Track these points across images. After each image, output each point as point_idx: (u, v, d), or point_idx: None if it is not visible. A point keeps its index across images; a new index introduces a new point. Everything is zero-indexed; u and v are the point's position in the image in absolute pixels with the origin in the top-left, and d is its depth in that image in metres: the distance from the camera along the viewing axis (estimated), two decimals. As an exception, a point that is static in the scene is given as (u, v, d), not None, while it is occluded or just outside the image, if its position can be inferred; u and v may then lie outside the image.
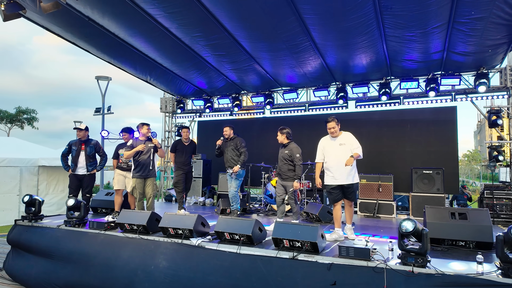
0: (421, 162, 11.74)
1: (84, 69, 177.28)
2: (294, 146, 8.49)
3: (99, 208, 10.92)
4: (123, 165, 9.71)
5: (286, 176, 8.44)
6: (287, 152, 8.44)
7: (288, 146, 8.51)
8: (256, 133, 14.59)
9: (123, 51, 11.70)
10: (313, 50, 10.77)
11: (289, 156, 8.40)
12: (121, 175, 9.71)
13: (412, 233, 5.25)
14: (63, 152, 9.93)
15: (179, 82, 14.34)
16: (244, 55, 11.49)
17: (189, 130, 11.02)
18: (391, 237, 7.44)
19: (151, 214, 7.61)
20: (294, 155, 8.34)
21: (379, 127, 12.50)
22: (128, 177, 9.53)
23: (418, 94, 12.35)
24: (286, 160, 8.44)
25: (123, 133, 10.05)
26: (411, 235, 5.30)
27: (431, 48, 10.13)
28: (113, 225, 8.05)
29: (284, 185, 8.51)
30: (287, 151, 8.46)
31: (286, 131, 8.59)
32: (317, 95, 13.37)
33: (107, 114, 19.90)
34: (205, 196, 14.04)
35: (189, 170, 10.60)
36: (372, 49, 10.36)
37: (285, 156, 8.46)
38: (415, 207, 10.54)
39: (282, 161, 8.52)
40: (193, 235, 6.95)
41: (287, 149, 8.48)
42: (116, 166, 9.93)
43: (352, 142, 7.34)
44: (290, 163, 8.40)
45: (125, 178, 9.66)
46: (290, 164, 8.40)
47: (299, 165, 8.31)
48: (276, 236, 6.18)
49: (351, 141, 7.36)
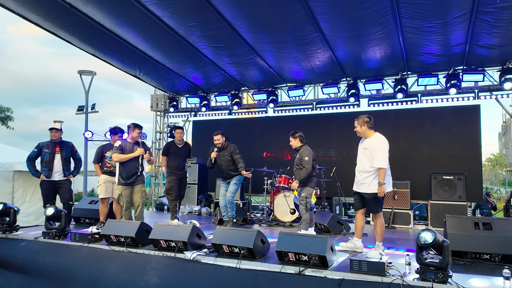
0: (441, 166, 11.73)
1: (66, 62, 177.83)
2: (304, 148, 8.76)
3: (82, 218, 10.92)
4: (113, 170, 9.58)
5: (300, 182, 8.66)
6: (298, 156, 8.73)
7: (299, 150, 8.82)
8: (258, 135, 14.59)
9: (109, 42, 11.66)
10: (321, 42, 10.75)
11: (299, 160, 8.65)
12: (109, 181, 9.65)
13: (432, 245, 5.24)
14: (31, 155, 9.80)
15: (172, 77, 14.33)
16: (245, 48, 11.48)
17: (183, 131, 11.00)
18: (408, 250, 7.40)
19: (140, 224, 7.60)
20: (302, 157, 8.58)
21: (395, 128, 12.50)
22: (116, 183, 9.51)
23: (437, 92, 12.35)
24: (298, 165, 8.68)
25: (114, 134, 10.01)
26: (431, 247, 5.29)
27: (452, 40, 10.11)
28: (98, 237, 8.02)
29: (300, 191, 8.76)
30: (298, 155, 8.75)
31: (299, 135, 8.87)
32: (325, 92, 13.39)
33: (91, 113, 19.91)
34: (200, 205, 14.05)
35: (183, 175, 10.59)
36: (387, 41, 10.35)
37: (296, 160, 8.73)
38: (434, 216, 10.55)
39: (294, 166, 8.79)
40: (188, 248, 6.93)
41: (299, 153, 8.78)
42: (101, 171, 9.87)
43: (375, 148, 7.20)
44: (301, 167, 8.61)
45: (113, 184, 9.57)
46: (301, 169, 8.61)
47: (305, 168, 8.50)
48: (281, 248, 6.17)
49: (375, 147, 7.22)
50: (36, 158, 9.81)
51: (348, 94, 12.93)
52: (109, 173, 9.70)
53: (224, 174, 9.93)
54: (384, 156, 7.11)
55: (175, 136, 10.78)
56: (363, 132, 7.47)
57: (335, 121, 13.64)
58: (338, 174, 11.14)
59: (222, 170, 9.92)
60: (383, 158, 7.09)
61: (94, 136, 17.25)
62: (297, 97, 14.04)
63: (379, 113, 12.81)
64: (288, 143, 11.08)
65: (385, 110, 12.96)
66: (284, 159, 14.07)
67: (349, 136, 13.00)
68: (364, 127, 7.44)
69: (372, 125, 7.49)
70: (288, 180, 11.39)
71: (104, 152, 9.86)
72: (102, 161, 9.79)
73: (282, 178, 11.47)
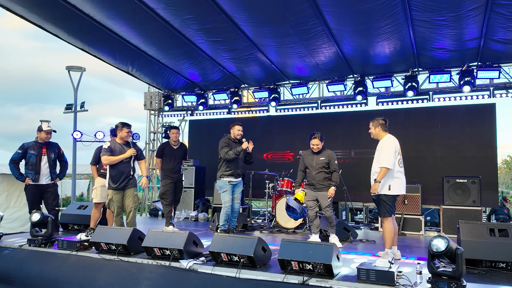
0: (454, 169, 11.73)
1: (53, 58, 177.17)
2: (330, 152, 8.98)
3: (70, 224, 10.85)
4: None
5: (322, 185, 8.82)
6: (324, 159, 8.86)
7: (324, 152, 8.96)
8: (258, 135, 14.57)
9: (100, 36, 11.66)
10: (326, 37, 10.75)
11: (326, 163, 8.82)
12: (105, 185, 9.55)
13: (445, 253, 5.24)
14: (14, 157, 9.75)
15: (167, 73, 14.34)
16: (245, 42, 11.48)
17: (179, 131, 10.95)
18: (419, 258, 7.44)
19: (132, 231, 7.60)
20: (332, 161, 8.82)
21: (405, 128, 12.49)
22: None
23: (450, 89, 12.34)
24: (323, 168, 8.83)
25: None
26: (443, 255, 5.29)
27: (466, 34, 10.12)
28: (87, 245, 8.01)
29: (318, 196, 8.86)
30: (324, 157, 8.88)
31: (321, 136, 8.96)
32: (331, 90, 13.36)
33: (80, 111, 19.78)
34: (197, 210, 14.02)
35: (178, 178, 10.58)
36: (397, 35, 10.35)
37: (321, 163, 8.85)
38: (446, 222, 10.55)
39: (317, 169, 8.87)
40: (184, 256, 6.93)
41: (324, 155, 8.91)
42: (97, 174, 9.86)
43: (382, 148, 7.53)
44: (327, 170, 8.83)
45: None
46: (327, 172, 8.84)
47: (338, 172, 8.85)
48: (283, 257, 6.17)
49: (382, 146, 7.56)
50: (21, 160, 9.77)
51: (355, 92, 12.91)
52: (106, 176, 9.60)
53: (238, 170, 9.87)
54: (388, 155, 7.35)
55: (170, 136, 10.74)
56: (377, 134, 7.75)
57: (341, 121, 13.65)
58: (344, 177, 11.11)
59: (238, 165, 9.87)
60: (386, 157, 7.35)
61: (83, 136, 17.11)
62: (300, 95, 14.09)
63: (388, 112, 12.73)
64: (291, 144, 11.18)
65: (394, 109, 12.94)
66: (286, 161, 14.06)
67: (357, 137, 13.11)
68: (378, 128, 7.72)
69: (387, 128, 7.76)
70: (291, 184, 11.36)
71: (100, 154, 9.76)
72: (100, 163, 9.69)
73: (284, 182, 11.43)
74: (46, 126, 9.93)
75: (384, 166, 7.28)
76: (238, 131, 9.92)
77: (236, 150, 9.64)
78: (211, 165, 12.40)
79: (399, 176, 7.39)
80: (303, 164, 9.13)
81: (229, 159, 9.64)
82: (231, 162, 9.72)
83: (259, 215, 14.27)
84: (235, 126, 9.98)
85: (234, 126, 9.99)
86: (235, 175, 9.78)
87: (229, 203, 9.68)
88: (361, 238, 9.83)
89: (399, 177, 7.40)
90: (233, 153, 9.63)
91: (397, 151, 7.45)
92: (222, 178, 9.73)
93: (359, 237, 9.86)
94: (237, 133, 9.91)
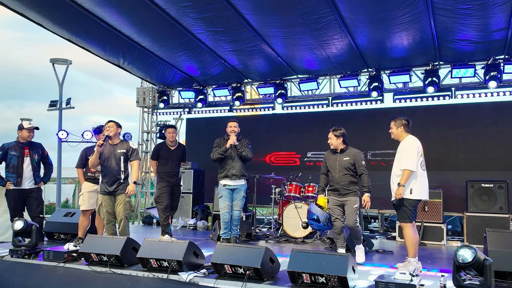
0: (478, 173, 11.75)
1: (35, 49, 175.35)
2: (356, 151, 8.57)
3: (56, 233, 10.84)
4: (98, 176, 9.48)
5: (347, 190, 8.39)
6: (348, 159, 8.45)
7: (349, 152, 8.56)
8: (263, 135, 14.60)
9: (88, 26, 11.66)
10: (339, 27, 10.77)
11: (351, 165, 8.41)
12: (94, 191, 9.63)
13: (471, 265, 5.26)
14: None
15: (162, 67, 14.37)
16: (249, 32, 11.50)
17: (176, 130, 10.96)
18: (442, 270, 7.44)
19: (126, 240, 7.57)
20: (359, 162, 8.41)
21: (424, 127, 12.48)
22: None
23: (474, 85, 12.32)
24: (349, 170, 8.42)
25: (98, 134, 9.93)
26: (470, 267, 5.30)
27: (492, 25, 10.12)
28: (76, 256, 7.97)
29: (343, 203, 8.45)
30: (348, 157, 8.48)
31: (342, 133, 8.58)
32: (343, 85, 13.39)
33: (65, 109, 19.71)
34: (196, 218, 14.02)
35: (176, 183, 10.59)
36: (416, 25, 10.35)
37: (346, 164, 8.45)
38: (471, 231, 10.52)
39: (341, 171, 8.48)
40: (183, 268, 6.92)
41: (348, 155, 8.51)
42: (84, 178, 9.85)
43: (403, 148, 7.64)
44: (353, 173, 8.43)
45: (98, 193, 9.42)
46: (353, 175, 8.43)
47: (367, 174, 8.41)
48: (293, 269, 6.18)
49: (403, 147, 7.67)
50: (0, 162, 9.75)
51: (370, 87, 12.89)
52: (93, 180, 9.67)
53: (233, 170, 9.79)
54: (410, 156, 7.42)
55: (167, 136, 10.77)
56: (398, 134, 7.85)
57: (354, 119, 13.65)
58: (358, 181, 11.14)
59: (231, 165, 9.82)
60: (408, 158, 7.42)
61: (69, 136, 17.06)
62: (310, 91, 14.08)
63: (406, 110, 12.66)
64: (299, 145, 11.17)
65: (413, 107, 12.94)
66: (292, 164, 14.08)
67: (371, 138, 13.07)
68: (400, 129, 7.83)
69: (409, 128, 7.83)
70: (300, 189, 11.39)
71: (88, 155, 9.68)
72: (86, 166, 9.69)
73: (293, 186, 11.47)
74: (27, 124, 9.88)
75: (407, 168, 7.34)
76: (229, 127, 9.90)
77: (221, 150, 9.72)
78: (211, 168, 12.40)
79: (421, 180, 7.44)
80: (325, 166, 8.76)
81: (216, 159, 9.81)
82: (223, 163, 9.81)
83: (264, 223, 14.26)
84: (228, 123, 10.00)
85: (227, 123, 10.02)
86: (229, 176, 9.77)
87: (225, 210, 9.72)
88: (377, 249, 9.87)
89: (422, 181, 7.45)
90: (218, 153, 9.72)
91: (419, 152, 7.52)
92: (219, 181, 9.83)
93: (374, 247, 9.90)
94: (228, 130, 9.90)
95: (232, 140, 9.66)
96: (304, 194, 11.36)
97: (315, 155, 13.95)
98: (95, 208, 9.52)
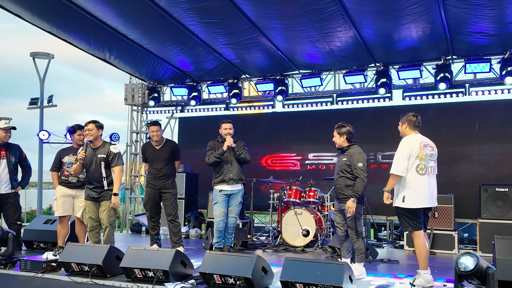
0: (493, 176, 11.79)
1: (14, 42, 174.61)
2: (356, 150, 8.20)
3: (35, 242, 10.84)
4: (72, 180, 9.53)
5: (344, 195, 8.15)
6: (345, 160, 8.20)
7: (348, 151, 8.26)
8: (262, 136, 14.64)
9: (71, 17, 11.70)
10: (342, 18, 10.83)
11: (347, 166, 8.13)
12: (68, 195, 9.56)
13: (473, 273, 5.33)
14: None
15: (152, 61, 14.41)
16: (245, 24, 11.55)
17: (160, 128, 10.50)
18: (448, 280, 7.52)
19: (109, 249, 7.61)
20: (354, 163, 8.03)
21: (436, 127, 12.48)
22: (79, 197, 9.44)
23: (490, 81, 12.31)
24: (344, 172, 8.17)
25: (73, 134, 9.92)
26: (472, 275, 5.38)
27: (508, 16, 10.13)
28: (55, 265, 8.00)
29: (341, 208, 8.26)
30: (346, 157, 8.22)
31: (347, 131, 8.34)
32: (349, 82, 13.40)
33: (47, 107, 19.63)
34: (189, 225, 14.08)
35: (164, 185, 10.23)
36: (425, 16, 10.40)
37: (342, 165, 8.23)
38: (484, 238, 10.51)
39: (337, 173, 8.35)
40: (169, 278, 6.99)
41: (346, 155, 8.25)
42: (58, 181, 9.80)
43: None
44: (349, 175, 8.11)
45: (73, 199, 9.52)
46: (349, 178, 8.12)
47: (360, 179, 7.98)
48: (286, 278, 6.27)
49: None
50: None
51: (378, 84, 12.92)
52: (67, 184, 9.59)
53: (230, 173, 9.80)
54: (397, 160, 7.30)
55: (150, 134, 10.46)
56: (402, 131, 7.66)
57: (360, 118, 13.66)
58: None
59: (228, 168, 9.86)
60: (395, 162, 7.31)
61: (51, 137, 16.93)
62: (312, 88, 14.16)
63: (416, 108, 12.53)
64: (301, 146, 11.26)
65: (423, 105, 12.99)
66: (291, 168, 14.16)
67: (380, 138, 13.10)
68: (405, 125, 7.62)
69: (416, 125, 7.59)
70: (300, 194, 11.48)
71: (61, 157, 9.74)
72: (61, 169, 9.69)
73: (293, 191, 11.55)
74: (3, 124, 9.79)
75: (391, 172, 7.26)
76: (224, 129, 9.91)
77: (217, 153, 9.75)
78: (205, 171, 12.37)
79: (417, 186, 7.25)
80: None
81: (212, 163, 9.83)
82: (219, 167, 9.84)
83: (261, 231, 14.33)
84: (222, 124, 10.01)
85: (221, 124, 10.03)
86: (226, 180, 9.79)
87: (220, 217, 9.74)
88: (382, 258, 9.95)
89: (418, 187, 7.26)
90: (214, 157, 9.75)
91: (413, 155, 7.27)
92: (214, 187, 9.86)
93: (380, 256, 9.99)
94: (224, 133, 9.91)
95: (229, 142, 9.69)
96: (305, 199, 11.44)
97: (317, 157, 14.08)
98: (72, 215, 9.60)
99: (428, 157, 7.39)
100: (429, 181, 7.39)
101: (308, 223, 10.93)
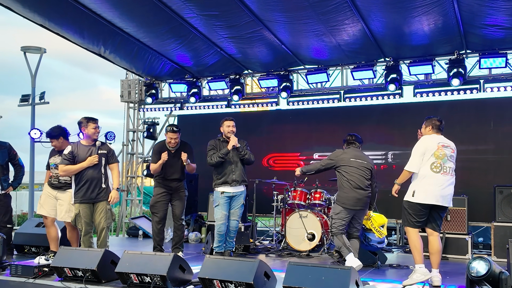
0: (509, 177, 11.76)
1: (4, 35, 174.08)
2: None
3: (26, 246, 10.85)
4: (53, 181, 9.47)
5: None
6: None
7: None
8: (265, 134, 14.64)
9: (64, 9, 11.71)
10: (349, 10, 10.82)
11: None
12: (50, 195, 9.52)
13: (485, 278, 5.36)
14: None
15: (150, 56, 14.41)
16: (247, 17, 11.55)
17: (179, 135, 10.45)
18: (460, 287, 7.56)
19: (104, 253, 7.63)
20: None
21: (449, 125, 12.19)
22: (60, 199, 9.38)
23: (506, 77, 12.30)
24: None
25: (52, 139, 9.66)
26: (484, 280, 5.42)
27: (525, 7, 10.15)
28: (47, 270, 8.02)
29: None
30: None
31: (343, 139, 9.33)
32: (357, 77, 13.38)
33: (39, 104, 19.55)
34: (188, 229, 14.05)
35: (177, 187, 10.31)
36: (437, 9, 10.39)
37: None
38: (499, 243, 10.51)
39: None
40: (167, 284, 7.01)
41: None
42: None
43: None
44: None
45: (56, 200, 9.45)
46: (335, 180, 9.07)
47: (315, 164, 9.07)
48: (290, 284, 6.29)
49: None
50: None
51: (387, 79, 12.90)
52: (51, 184, 9.51)
53: (233, 175, 9.79)
54: (412, 157, 7.82)
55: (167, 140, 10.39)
56: (425, 134, 8.14)
57: (369, 116, 13.75)
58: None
59: (231, 169, 9.85)
60: (410, 159, 7.82)
61: (43, 136, 16.93)
62: (318, 84, 14.11)
63: (428, 106, 12.87)
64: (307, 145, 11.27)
65: (435, 102, 12.99)
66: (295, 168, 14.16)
67: (390, 136, 13.10)
68: (428, 128, 8.12)
69: (440, 129, 8.09)
70: (305, 196, 11.49)
71: (49, 158, 9.70)
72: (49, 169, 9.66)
73: (297, 193, 11.59)
74: None
75: (405, 168, 7.79)
76: (227, 127, 9.87)
77: (221, 152, 9.70)
78: (205, 172, 12.26)
79: (429, 182, 7.62)
80: None
81: (215, 164, 9.77)
82: (221, 167, 9.80)
83: (264, 235, 14.32)
84: (224, 122, 9.99)
85: (223, 122, 10.00)
86: (229, 182, 9.75)
87: (221, 221, 9.71)
88: (391, 263, 10.00)
89: (430, 183, 7.62)
90: (217, 157, 9.68)
91: (426, 152, 7.70)
92: (216, 188, 9.83)
93: (389, 262, 10.05)
94: (227, 131, 9.87)
95: (234, 141, 9.67)
96: (310, 201, 11.47)
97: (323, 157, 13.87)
98: (54, 216, 9.49)
99: (447, 157, 7.75)
100: (443, 180, 7.69)
101: (314, 227, 10.96)
